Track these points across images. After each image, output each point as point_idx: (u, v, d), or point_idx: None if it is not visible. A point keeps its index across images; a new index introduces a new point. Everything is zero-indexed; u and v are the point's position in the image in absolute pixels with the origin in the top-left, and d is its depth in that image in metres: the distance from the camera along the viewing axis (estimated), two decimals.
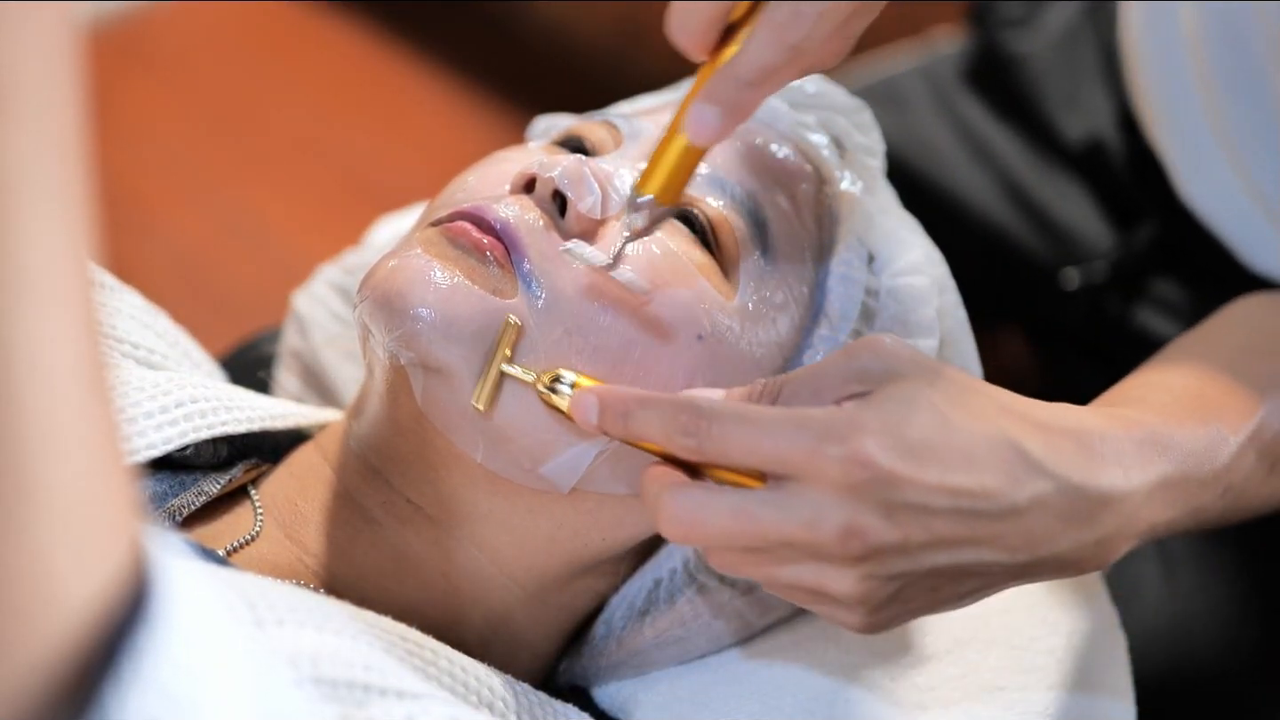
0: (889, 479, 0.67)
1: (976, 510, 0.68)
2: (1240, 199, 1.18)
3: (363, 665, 0.67)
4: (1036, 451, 0.70)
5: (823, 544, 0.67)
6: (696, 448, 0.70)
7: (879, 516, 0.67)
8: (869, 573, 0.68)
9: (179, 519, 0.83)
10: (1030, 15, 1.37)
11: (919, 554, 0.68)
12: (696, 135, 0.71)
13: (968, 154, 1.35)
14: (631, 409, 0.72)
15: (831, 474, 0.67)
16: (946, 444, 0.68)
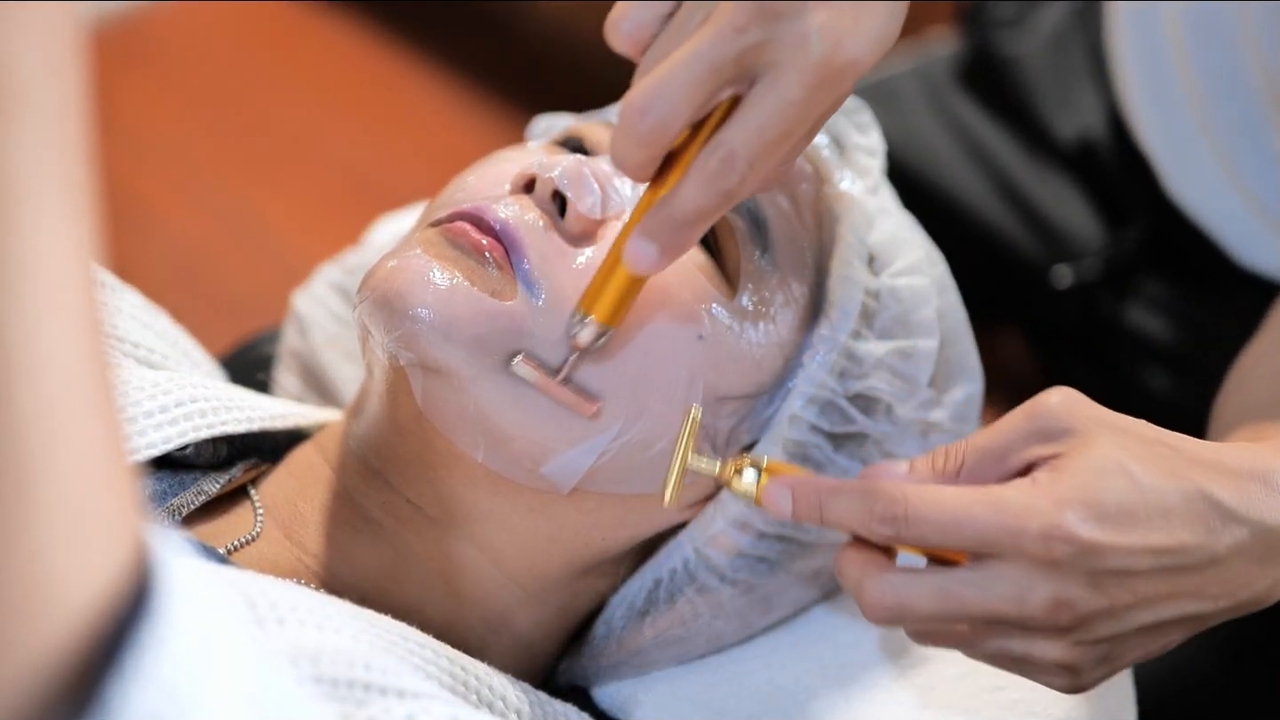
0: (1091, 549, 0.68)
1: (1179, 566, 0.70)
2: (1227, 195, 1.19)
3: (363, 664, 0.67)
4: (1229, 500, 0.71)
5: (1031, 619, 0.69)
6: (894, 535, 0.71)
7: (1085, 587, 0.69)
8: (1078, 639, 0.70)
9: (178, 518, 0.83)
10: (1022, 17, 1.37)
11: (1126, 616, 0.70)
12: (635, 267, 0.72)
13: (962, 154, 1.36)
14: (825, 499, 0.73)
15: (1034, 551, 0.68)
16: (1142, 505, 0.69)
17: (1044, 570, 0.68)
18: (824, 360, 0.85)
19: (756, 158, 0.69)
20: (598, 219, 0.83)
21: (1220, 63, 1.14)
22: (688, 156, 0.71)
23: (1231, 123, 1.16)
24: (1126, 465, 0.70)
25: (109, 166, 2.25)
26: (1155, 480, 0.70)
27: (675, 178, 0.71)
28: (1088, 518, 0.68)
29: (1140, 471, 0.70)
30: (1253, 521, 0.71)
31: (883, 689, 0.88)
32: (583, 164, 0.83)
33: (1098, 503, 0.69)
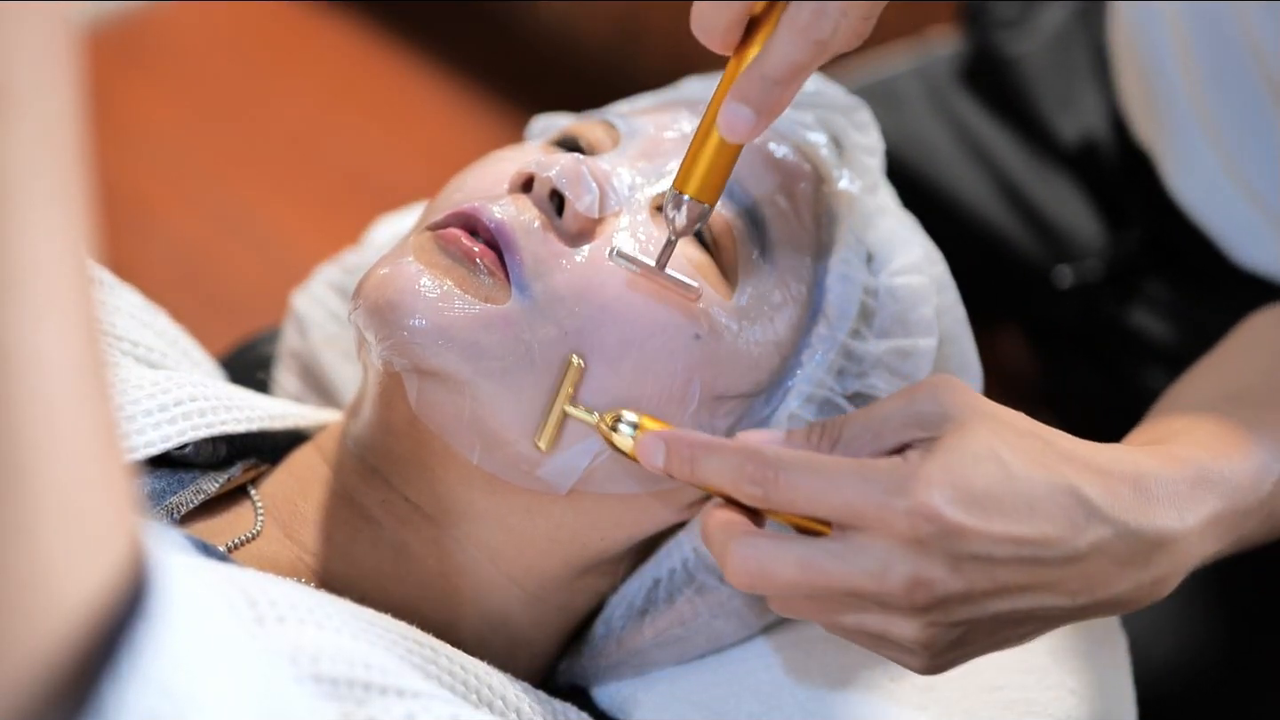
0: (955, 531, 0.68)
1: (1039, 558, 0.70)
2: (1228, 195, 1.19)
3: (363, 663, 0.67)
4: (1096, 498, 0.71)
5: (889, 595, 0.69)
6: (763, 496, 0.71)
7: (945, 568, 0.68)
8: (933, 620, 0.70)
9: (176, 517, 0.83)
10: (1023, 17, 1.37)
11: (983, 601, 0.70)
12: (732, 133, 0.72)
13: (963, 153, 1.36)
14: (698, 455, 0.72)
15: (898, 527, 0.68)
16: (1010, 494, 0.69)
17: (906, 548, 0.68)
18: (822, 359, 0.85)
19: (849, 5, 0.68)
20: (595, 218, 0.83)
21: (1221, 61, 1.14)
22: (771, 20, 0.70)
23: (1232, 122, 1.16)
24: (999, 453, 0.70)
25: (109, 166, 2.25)
26: (1025, 471, 0.70)
27: (761, 39, 0.71)
28: (954, 499, 0.68)
29: (1012, 460, 0.70)
30: (1116, 521, 0.71)
31: (882, 689, 0.88)
32: (580, 163, 0.83)
33: (966, 486, 0.69)
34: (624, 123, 0.89)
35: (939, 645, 0.71)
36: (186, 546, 0.75)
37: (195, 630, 0.47)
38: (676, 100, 0.94)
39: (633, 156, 0.87)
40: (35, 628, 0.43)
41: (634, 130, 0.88)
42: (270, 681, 0.51)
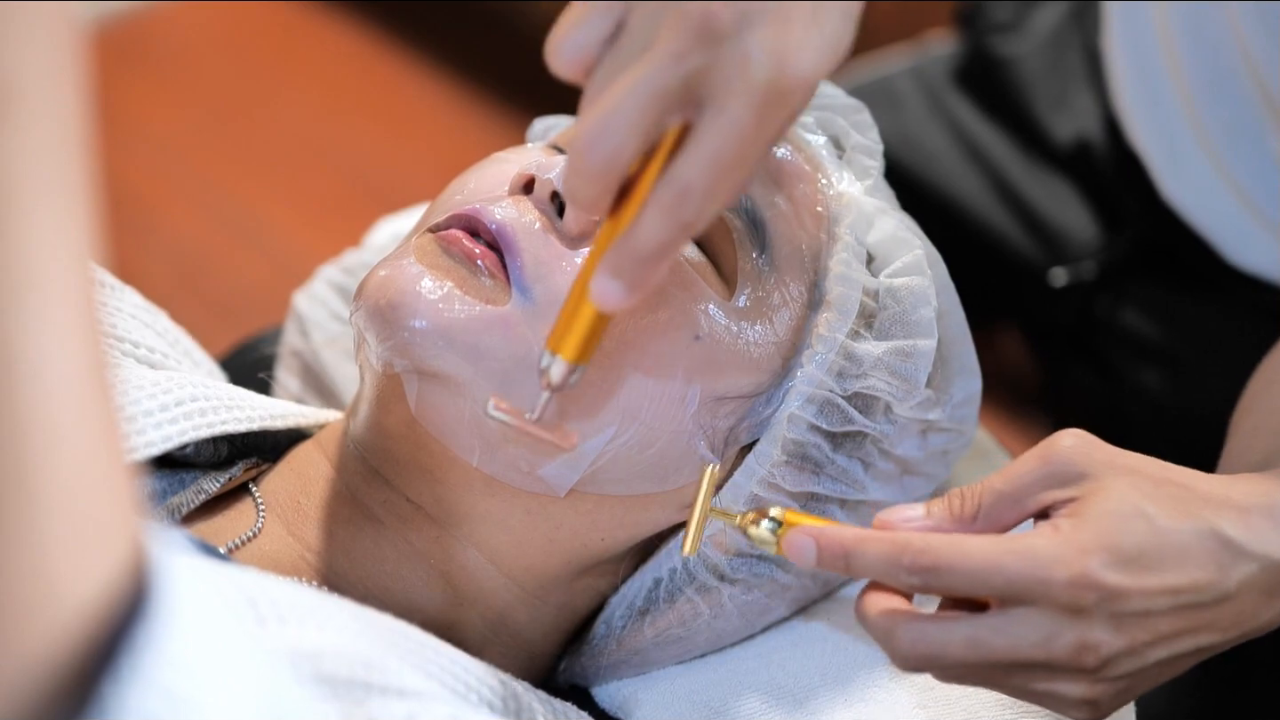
0: (1115, 594, 0.71)
1: (1194, 603, 0.72)
2: (1220, 196, 1.19)
3: (363, 663, 0.67)
4: (1238, 536, 0.73)
5: (1056, 661, 0.71)
6: (922, 585, 0.73)
7: (1108, 630, 0.71)
8: (1100, 678, 0.72)
9: (177, 517, 0.83)
10: (1018, 19, 1.38)
11: (1145, 653, 0.73)
12: (603, 304, 0.70)
13: (959, 154, 1.36)
14: (851, 553, 0.74)
15: (1061, 599, 0.70)
16: (1159, 547, 0.72)
17: (1069, 616, 0.71)
18: (822, 360, 0.85)
19: (712, 188, 0.67)
20: (596, 219, 0.83)
21: (1211, 61, 1.15)
22: (643, 186, 0.68)
23: (1223, 124, 1.16)
24: (1143, 508, 0.72)
25: (109, 166, 2.25)
26: (1170, 521, 0.72)
27: (633, 209, 0.69)
28: (1110, 563, 0.71)
29: (1156, 513, 0.72)
30: (1260, 556, 0.74)
31: (882, 688, 0.88)
32: None
33: (1119, 548, 0.71)
34: None
35: (1105, 698, 0.74)
36: (187, 547, 0.75)
37: (196, 632, 0.47)
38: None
39: None
40: (38, 628, 0.43)
41: None
42: (271, 684, 0.51)
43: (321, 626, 0.68)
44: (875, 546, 0.73)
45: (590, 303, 0.71)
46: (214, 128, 2.42)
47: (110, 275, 0.96)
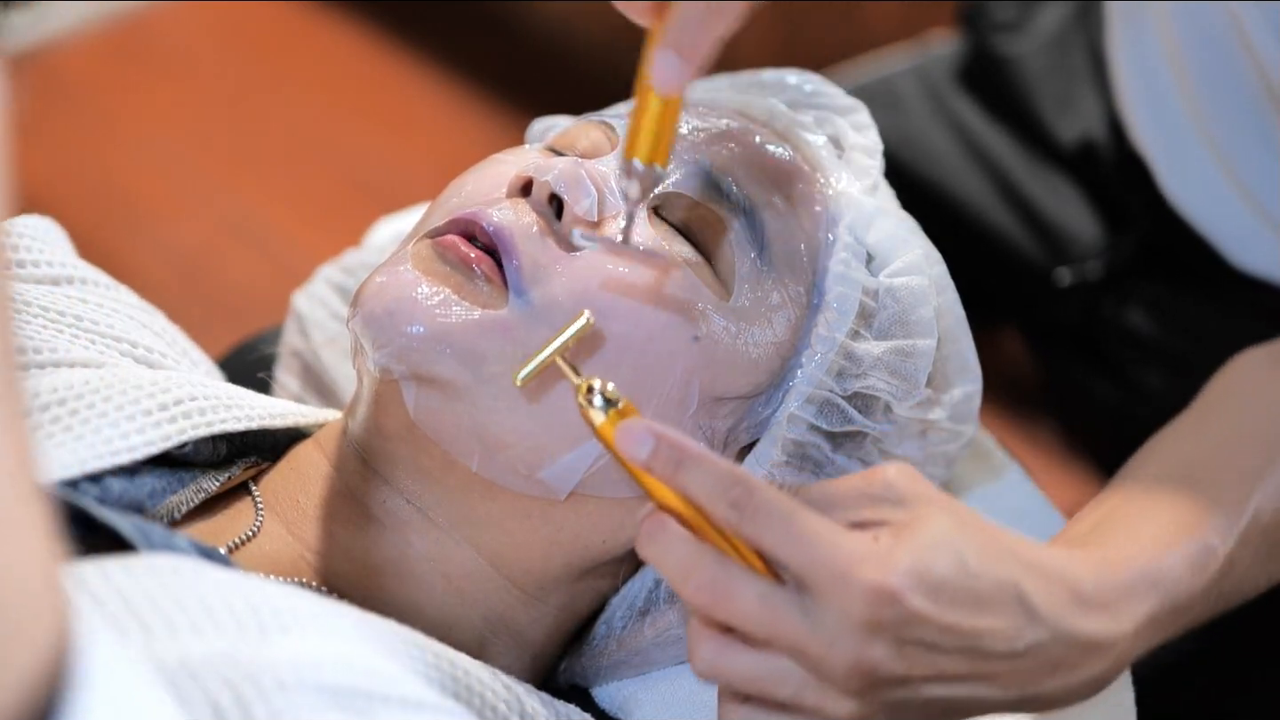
0: (910, 616, 0.69)
1: (980, 650, 0.71)
2: (1226, 197, 1.19)
3: (365, 672, 0.67)
4: (1037, 600, 0.72)
5: (831, 666, 0.69)
6: (736, 521, 0.69)
7: (890, 651, 0.69)
8: (869, 700, 0.70)
9: (178, 515, 0.83)
10: (1021, 19, 1.37)
11: (919, 686, 0.71)
12: (663, 85, 0.72)
13: (962, 154, 1.36)
14: (685, 460, 0.70)
15: (857, 604, 0.68)
16: (964, 587, 0.71)
17: (858, 625, 0.68)
18: (822, 360, 0.85)
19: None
20: (594, 221, 0.83)
21: (1214, 65, 1.14)
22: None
23: (1227, 124, 1.16)
24: (957, 544, 0.71)
25: (108, 166, 2.25)
26: (978, 565, 0.71)
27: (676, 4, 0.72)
28: (914, 585, 0.69)
29: (967, 553, 0.71)
30: (1054, 626, 0.73)
31: None
32: (579, 166, 0.83)
33: (927, 574, 0.69)
34: (623, 125, 0.89)
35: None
36: (189, 551, 0.75)
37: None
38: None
39: None
40: None
41: None
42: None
43: (323, 635, 0.68)
44: (712, 464, 0.70)
45: (655, 97, 0.72)
46: (214, 128, 2.41)
47: (106, 275, 0.96)
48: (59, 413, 0.80)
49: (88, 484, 0.79)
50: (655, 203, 0.85)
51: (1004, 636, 0.72)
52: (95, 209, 2.22)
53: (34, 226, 0.95)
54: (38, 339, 0.85)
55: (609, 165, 0.86)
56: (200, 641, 0.64)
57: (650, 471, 0.71)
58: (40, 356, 0.84)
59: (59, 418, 0.80)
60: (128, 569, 0.67)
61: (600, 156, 0.88)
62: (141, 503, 0.82)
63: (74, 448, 0.79)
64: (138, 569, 0.67)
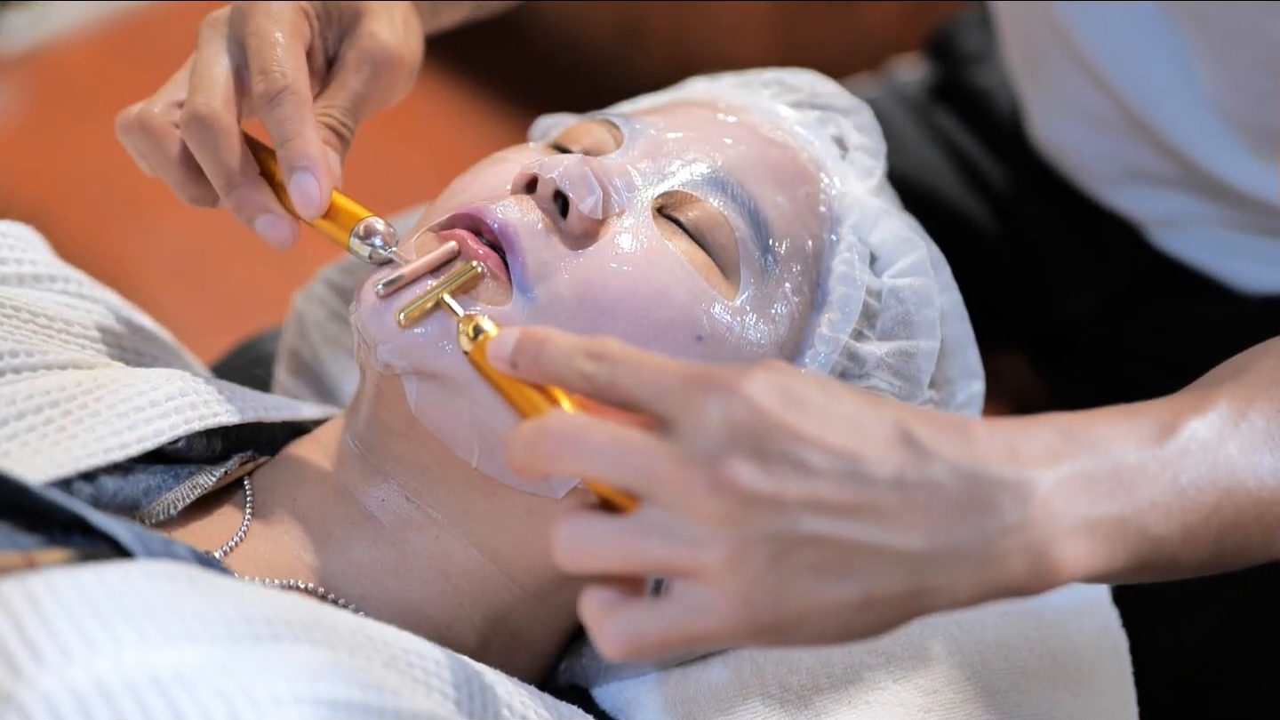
0: (767, 426, 0.62)
1: (860, 473, 0.63)
2: (1208, 228, 1.19)
3: (360, 684, 0.67)
4: (923, 435, 0.64)
5: (691, 488, 0.62)
6: (595, 374, 0.66)
7: (753, 464, 0.62)
8: (741, 534, 0.62)
9: (173, 512, 0.83)
10: (987, 49, 1.37)
11: (797, 514, 0.62)
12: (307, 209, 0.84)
13: (950, 164, 1.35)
14: (545, 341, 0.68)
15: (712, 411, 0.63)
16: (831, 409, 0.64)
17: (712, 434, 0.62)
18: (825, 360, 0.85)
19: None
20: (599, 219, 0.83)
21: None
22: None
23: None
24: (828, 382, 0.65)
25: (108, 166, 2.25)
26: (849, 397, 0.65)
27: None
28: (773, 396, 0.63)
29: (840, 390, 0.65)
30: (947, 459, 0.64)
31: (886, 690, 0.87)
32: (584, 164, 0.83)
33: (786, 387, 0.63)
34: (626, 124, 0.89)
35: (749, 568, 0.62)
36: (187, 558, 0.75)
37: None
38: (678, 101, 0.94)
39: (635, 157, 0.87)
40: None
41: (636, 131, 0.88)
42: None
43: (319, 645, 0.68)
44: (571, 338, 0.67)
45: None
46: None
47: (89, 281, 0.96)
48: (51, 414, 0.80)
49: (81, 483, 0.79)
50: (660, 202, 0.85)
51: (887, 462, 0.63)
52: (95, 209, 2.22)
53: (12, 230, 0.94)
54: (28, 342, 0.85)
55: (614, 163, 0.86)
56: (195, 651, 0.64)
57: (517, 369, 0.69)
58: (32, 359, 0.84)
59: (51, 419, 0.80)
60: (124, 576, 0.67)
61: (605, 155, 0.88)
62: (137, 500, 0.82)
63: (67, 446, 0.79)
64: (134, 576, 0.67)
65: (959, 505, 0.63)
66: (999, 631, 0.91)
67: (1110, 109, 1.16)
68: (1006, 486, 0.64)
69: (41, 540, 0.73)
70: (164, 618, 0.65)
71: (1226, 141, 1.10)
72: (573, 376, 0.66)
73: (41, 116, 2.33)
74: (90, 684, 0.61)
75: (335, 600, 0.82)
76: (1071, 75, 1.17)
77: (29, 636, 0.62)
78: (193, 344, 1.08)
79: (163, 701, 0.61)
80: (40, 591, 0.65)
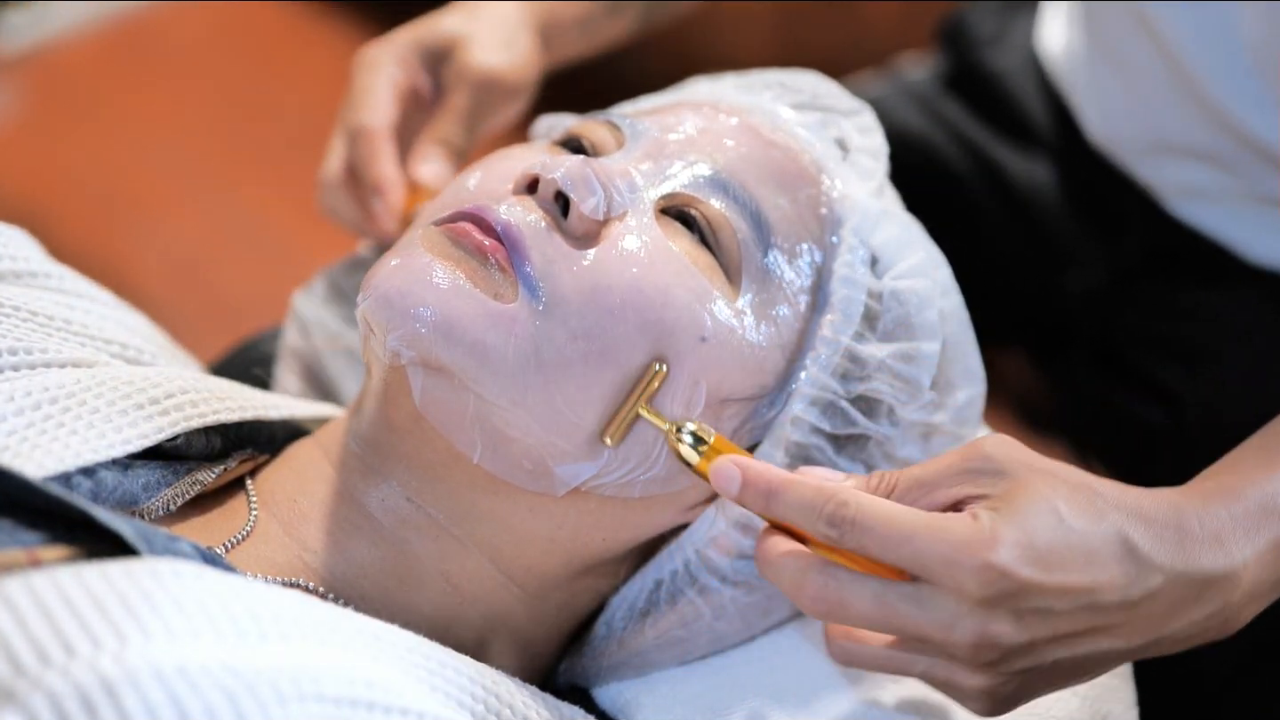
0: (1022, 588, 0.72)
1: (1095, 604, 0.73)
2: (1226, 193, 1.18)
3: (364, 682, 0.67)
4: (1143, 545, 0.74)
5: (955, 647, 0.72)
6: (838, 538, 0.73)
7: (1010, 623, 0.72)
8: (998, 672, 0.74)
9: (172, 509, 0.83)
10: (1002, 31, 1.37)
11: (1044, 650, 0.74)
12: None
13: (962, 156, 1.35)
14: (775, 491, 0.75)
15: (969, 584, 0.71)
16: (1067, 547, 0.73)
17: (974, 604, 0.72)
18: (826, 362, 0.85)
19: None
20: (600, 220, 0.83)
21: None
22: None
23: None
24: (1056, 507, 0.73)
25: (108, 166, 2.25)
26: (1081, 523, 0.73)
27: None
28: (1020, 557, 0.72)
29: (1068, 514, 0.73)
30: (1164, 567, 0.74)
31: (885, 690, 0.87)
32: (586, 164, 0.83)
33: (1030, 544, 0.72)
34: (628, 124, 0.89)
35: (1001, 694, 0.75)
36: (191, 555, 0.75)
37: None
38: (680, 101, 0.94)
39: (637, 158, 0.87)
40: None
41: (638, 132, 0.88)
42: None
43: (323, 642, 0.68)
44: (800, 490, 0.75)
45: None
46: (213, 128, 2.41)
47: (84, 282, 0.96)
48: (51, 410, 0.80)
49: (81, 477, 0.80)
50: (662, 204, 0.85)
51: (1116, 588, 0.73)
52: (95, 209, 2.22)
53: (4, 230, 0.95)
54: (28, 340, 0.85)
55: (615, 164, 0.86)
56: (199, 648, 0.64)
57: (743, 505, 0.77)
58: (31, 357, 0.84)
59: (51, 415, 0.80)
60: (128, 572, 0.67)
61: (606, 155, 0.88)
62: (136, 495, 0.82)
63: (67, 442, 0.79)
64: (138, 572, 0.67)
65: (1172, 607, 0.75)
66: None
67: (1155, 60, 1.16)
68: (1215, 582, 0.76)
69: (44, 537, 0.73)
70: (169, 615, 0.65)
71: (1262, 95, 1.11)
72: (812, 531, 0.75)
73: (41, 116, 2.33)
74: (94, 681, 0.61)
75: (336, 600, 0.82)
76: (1121, 20, 1.18)
77: (32, 634, 0.62)
78: (192, 344, 1.08)
79: (167, 699, 0.61)
80: (44, 589, 0.65)
